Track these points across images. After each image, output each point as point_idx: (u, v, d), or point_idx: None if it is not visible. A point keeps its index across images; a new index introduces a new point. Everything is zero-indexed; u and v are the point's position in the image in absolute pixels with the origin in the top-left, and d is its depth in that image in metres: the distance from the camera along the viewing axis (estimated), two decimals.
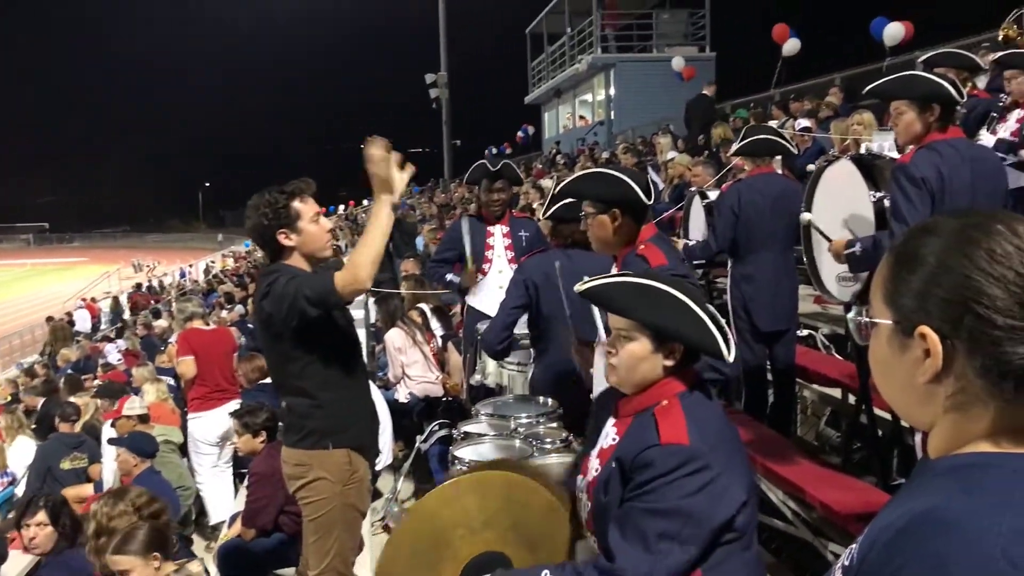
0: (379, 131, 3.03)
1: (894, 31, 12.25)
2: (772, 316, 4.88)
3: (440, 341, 6.78)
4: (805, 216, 4.20)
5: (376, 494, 5.37)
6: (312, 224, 3.16)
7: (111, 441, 5.89)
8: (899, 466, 4.26)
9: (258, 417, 4.77)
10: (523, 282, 3.89)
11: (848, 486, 3.74)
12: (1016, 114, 5.15)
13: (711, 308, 2.09)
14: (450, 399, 5.95)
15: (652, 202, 3.07)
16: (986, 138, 5.09)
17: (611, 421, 2.18)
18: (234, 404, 6.41)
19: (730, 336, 2.06)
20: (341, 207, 39.82)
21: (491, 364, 4.33)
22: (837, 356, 5.85)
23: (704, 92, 14.65)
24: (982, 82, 6.65)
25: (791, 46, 15.49)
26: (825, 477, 3.86)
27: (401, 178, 2.97)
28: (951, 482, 0.96)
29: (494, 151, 29.75)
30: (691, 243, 5.62)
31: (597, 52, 24.14)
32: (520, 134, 30.27)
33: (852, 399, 4.79)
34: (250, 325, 12.16)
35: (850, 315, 1.15)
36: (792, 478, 3.83)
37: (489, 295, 4.97)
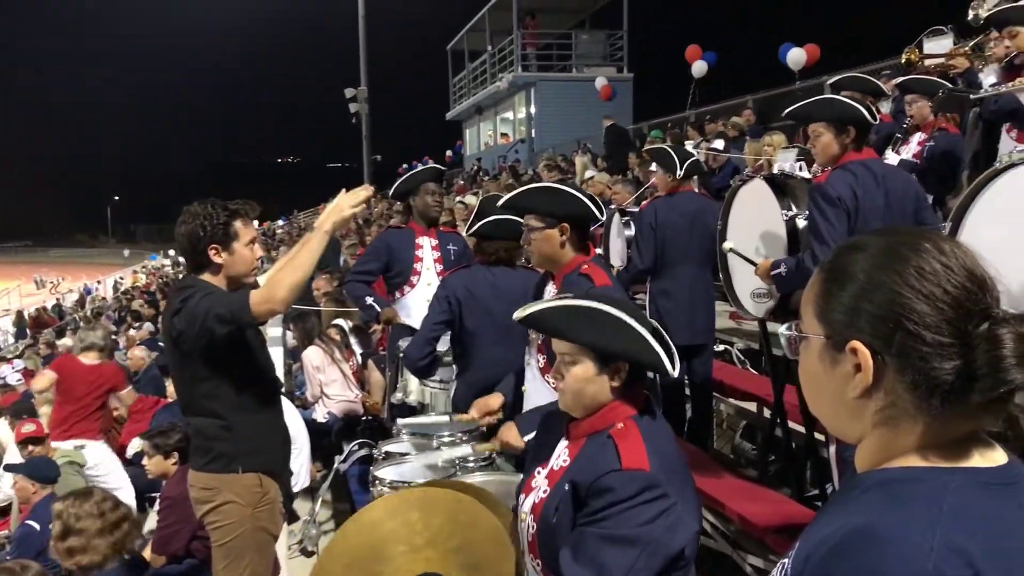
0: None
1: (797, 56, 12.76)
2: (689, 331, 4.96)
3: (360, 359, 6.67)
4: (726, 245, 4.26)
5: (293, 516, 5.23)
6: (246, 248, 3.13)
7: (7, 468, 5.58)
8: (813, 478, 4.37)
9: (170, 438, 4.58)
10: (446, 298, 3.85)
11: (765, 499, 3.82)
12: (917, 137, 5.39)
13: (654, 324, 2.09)
14: (370, 418, 5.85)
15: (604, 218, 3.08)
16: (891, 158, 5.31)
17: (563, 443, 2.14)
18: (94, 445, 6.09)
19: (674, 350, 2.06)
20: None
21: (413, 382, 4.28)
22: (752, 371, 5.98)
23: (614, 123, 15.21)
24: (886, 107, 6.93)
25: (698, 67, 15.96)
26: (742, 490, 3.93)
27: (350, 200, 3.01)
28: (883, 497, 0.98)
29: (419, 167, 29.54)
30: (618, 268, 5.69)
31: (518, 71, 24.30)
32: (449, 152, 30.20)
33: (767, 413, 4.91)
34: (160, 343, 11.74)
35: (782, 329, 1.17)
36: (711, 492, 3.89)
37: (417, 308, 4.89)
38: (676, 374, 2.00)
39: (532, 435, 2.58)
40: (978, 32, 6.16)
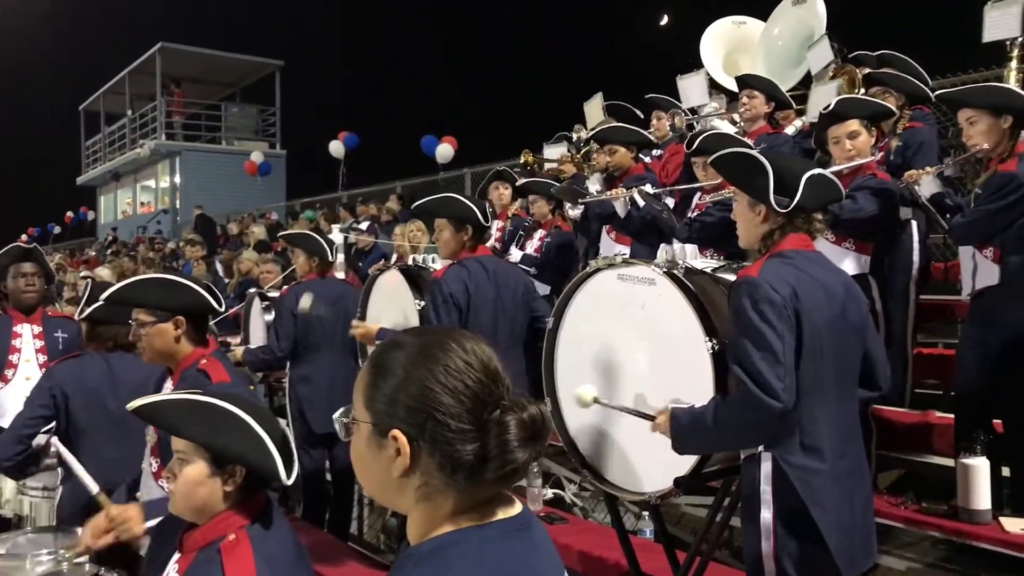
0: None
1: (444, 151, 13.62)
2: (329, 418, 4.92)
3: None
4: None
5: None
6: None
7: None
8: None
9: None
10: (49, 389, 3.46)
11: None
12: (539, 233, 5.98)
13: (281, 429, 2.03)
14: None
15: (223, 309, 2.96)
16: (515, 253, 5.82)
17: (176, 556, 2.00)
18: None
19: (295, 458, 2.01)
20: None
21: (8, 489, 3.75)
22: None
23: (202, 212, 16.58)
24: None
25: (336, 148, 16.41)
26: None
27: None
28: (430, 565, 1.14)
29: (39, 232, 26.46)
30: (252, 347, 5.50)
31: (161, 138, 23.01)
32: (70, 214, 27.24)
33: None
34: None
35: (336, 415, 1.28)
36: None
37: (11, 408, 4.28)
38: (289, 482, 1.96)
39: (156, 522, 2.40)
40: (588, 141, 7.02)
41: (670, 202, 5.41)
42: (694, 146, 4.56)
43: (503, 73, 27.25)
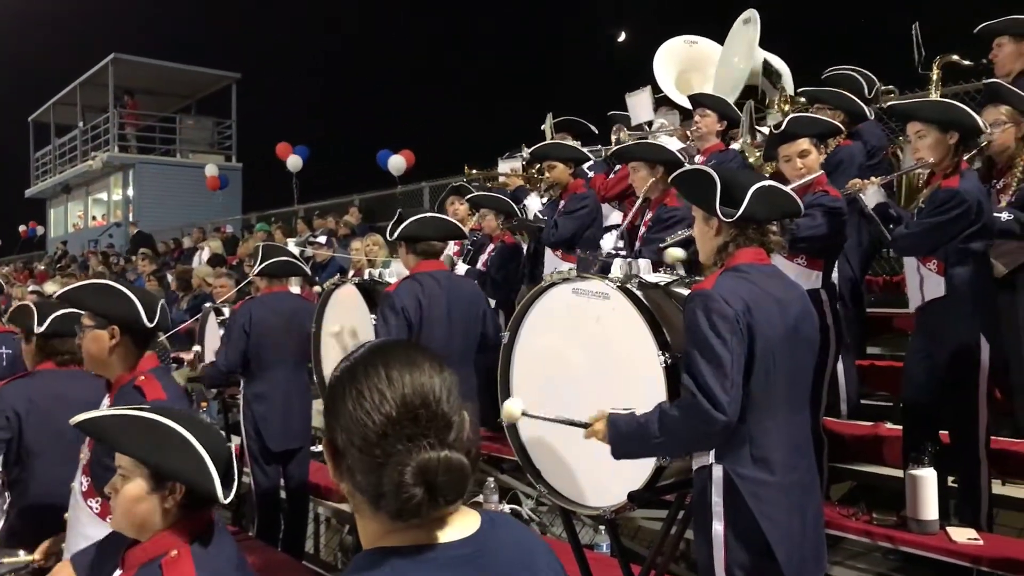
0: None
1: (397, 162, 13.57)
2: (284, 435, 4.88)
3: None
4: (333, 328, 4.38)
5: None
6: None
7: None
8: None
9: None
10: (2, 412, 3.36)
11: None
12: (489, 248, 6.01)
13: (225, 447, 2.00)
14: None
15: (153, 326, 2.89)
16: (460, 267, 5.83)
17: (117, 573, 1.97)
18: None
19: (235, 476, 1.99)
20: None
21: None
22: None
23: (139, 230, 16.58)
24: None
25: (293, 162, 16.29)
26: None
27: None
28: None
29: None
30: (206, 363, 5.42)
31: (114, 151, 22.60)
32: (23, 228, 26.61)
33: None
34: None
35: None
36: None
37: None
38: (226, 501, 1.93)
39: None
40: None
41: (617, 217, 5.51)
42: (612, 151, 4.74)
43: (462, 87, 27.30)
